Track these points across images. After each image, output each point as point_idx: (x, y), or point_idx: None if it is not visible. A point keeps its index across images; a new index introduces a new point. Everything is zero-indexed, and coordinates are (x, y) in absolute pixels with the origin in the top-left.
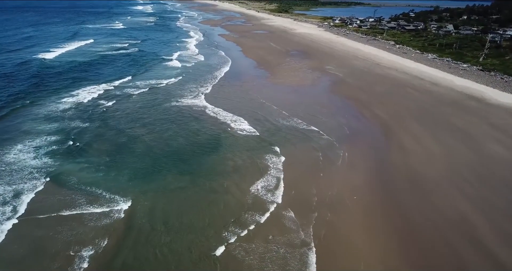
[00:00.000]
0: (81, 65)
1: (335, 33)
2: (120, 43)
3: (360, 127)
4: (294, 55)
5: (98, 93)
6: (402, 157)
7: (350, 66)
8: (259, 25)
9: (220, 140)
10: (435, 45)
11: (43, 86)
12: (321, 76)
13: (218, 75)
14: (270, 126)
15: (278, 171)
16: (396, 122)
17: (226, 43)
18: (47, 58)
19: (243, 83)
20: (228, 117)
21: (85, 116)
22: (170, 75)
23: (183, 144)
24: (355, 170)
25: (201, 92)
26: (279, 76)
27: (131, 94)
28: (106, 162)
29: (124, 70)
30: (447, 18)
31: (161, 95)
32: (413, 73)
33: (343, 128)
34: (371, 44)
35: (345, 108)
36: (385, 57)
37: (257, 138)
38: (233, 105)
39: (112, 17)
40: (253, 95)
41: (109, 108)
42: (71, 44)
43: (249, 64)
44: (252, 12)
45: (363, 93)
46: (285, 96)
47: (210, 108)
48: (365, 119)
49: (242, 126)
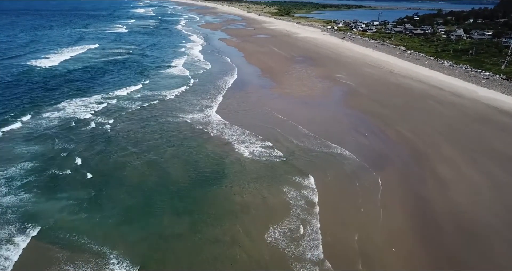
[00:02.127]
0: (77, 74)
1: (341, 37)
2: (122, 49)
3: (387, 150)
4: (300, 62)
5: (89, 107)
6: (442, 191)
7: (361, 74)
8: (261, 29)
9: (231, 165)
10: (449, 51)
11: (29, 99)
12: (332, 86)
13: (221, 85)
14: (288, 146)
15: (306, 209)
16: (426, 144)
17: (227, 48)
18: (39, 66)
19: (246, 95)
20: (235, 136)
21: (70, 137)
22: (170, 86)
23: (182, 173)
24: (393, 209)
25: (205, 106)
26: (286, 86)
27: (126, 108)
28: (92, 198)
29: (122, 80)
30: (453, 21)
31: (162, 109)
32: (430, 82)
33: (369, 151)
34: (380, 49)
35: (365, 125)
36: (397, 64)
37: (277, 162)
38: (240, 121)
39: (115, 21)
40: (261, 109)
41: (99, 126)
42: (72, 50)
43: (253, 72)
44: (253, 15)
45: (380, 106)
46: (296, 110)
47: (214, 125)
48: (390, 140)
49: (254, 147)
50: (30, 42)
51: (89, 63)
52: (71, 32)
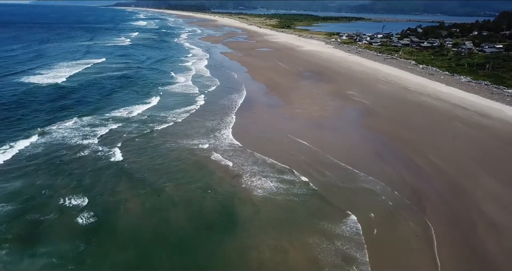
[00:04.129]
0: (83, 92)
1: (346, 50)
2: (128, 64)
3: (423, 184)
4: (307, 77)
5: (81, 130)
6: (497, 237)
7: (374, 91)
8: (263, 42)
9: (243, 206)
10: (464, 66)
11: (15, 120)
12: (345, 104)
13: (229, 105)
14: (311, 177)
15: None
16: (463, 175)
17: (230, 63)
18: (40, 83)
19: (256, 115)
20: (249, 166)
21: (56, 170)
22: (180, 105)
23: (186, 221)
24: (452, 264)
25: (217, 129)
26: (296, 105)
27: (122, 132)
28: (77, 255)
29: (129, 98)
30: (458, 34)
31: (173, 134)
32: (451, 100)
33: (403, 183)
34: (389, 63)
35: (392, 152)
36: (410, 79)
37: (301, 200)
38: (255, 146)
39: (119, 34)
40: (275, 131)
41: (91, 156)
42: (77, 66)
43: (259, 90)
44: (254, 28)
45: (403, 129)
46: (312, 133)
47: (230, 152)
48: (423, 170)
49: (270, 182)
50: (35, 56)
51: (95, 79)
52: (76, 45)
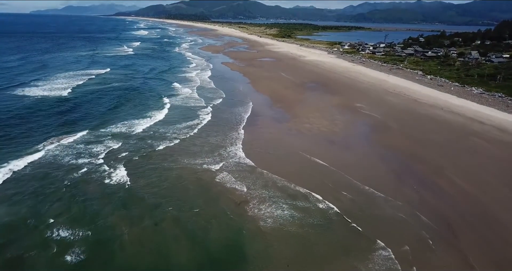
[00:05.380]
0: (86, 106)
1: (350, 60)
2: (133, 75)
3: (450, 211)
4: (313, 89)
5: (79, 149)
6: None
7: (384, 103)
8: (264, 52)
9: (252, 238)
10: (473, 76)
11: (12, 137)
12: (355, 118)
13: (235, 118)
14: (339, 199)
15: None
16: (491, 200)
17: (232, 73)
18: (33, 95)
19: (260, 130)
20: (257, 190)
21: (44, 195)
22: (187, 118)
23: (188, 257)
24: None
25: (218, 147)
26: (304, 118)
27: (122, 151)
28: None
29: (136, 112)
30: (460, 43)
31: (170, 153)
32: (465, 113)
33: (429, 209)
34: (395, 74)
35: (410, 172)
36: (419, 91)
37: (323, 231)
38: (268, 165)
39: (122, 44)
40: (282, 148)
41: (85, 177)
42: (81, 77)
43: (264, 102)
44: (254, 37)
45: (419, 145)
46: (323, 150)
47: (224, 176)
48: (448, 194)
49: (283, 209)
50: (38, 67)
51: (98, 92)
52: (79, 56)
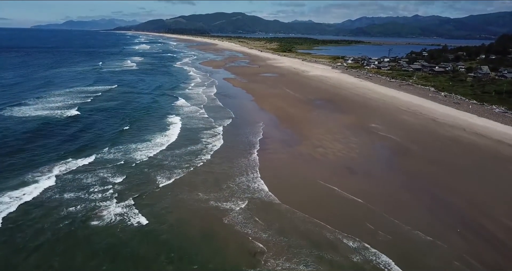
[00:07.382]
0: (88, 124)
1: (355, 75)
2: (138, 92)
3: (506, 261)
4: (320, 107)
5: (78, 180)
6: None
7: (400, 123)
8: (266, 67)
9: None
10: (490, 93)
11: (11, 163)
12: (371, 140)
13: (246, 142)
14: (389, 246)
15: None
16: None
17: (235, 90)
18: (39, 114)
19: (271, 156)
20: (278, 236)
21: (33, 241)
22: (187, 143)
23: None
24: None
25: (236, 180)
26: (315, 141)
27: (122, 185)
28: None
29: (144, 135)
30: (465, 57)
31: (181, 187)
32: (491, 135)
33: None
34: (406, 90)
35: (449, 210)
36: (435, 109)
37: None
38: (289, 200)
39: (125, 59)
40: (298, 177)
41: (76, 218)
42: (86, 94)
43: (268, 122)
44: (255, 52)
45: (449, 174)
46: (342, 178)
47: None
48: (496, 238)
49: (313, 263)
50: (43, 84)
51: (106, 110)
52: (84, 71)
